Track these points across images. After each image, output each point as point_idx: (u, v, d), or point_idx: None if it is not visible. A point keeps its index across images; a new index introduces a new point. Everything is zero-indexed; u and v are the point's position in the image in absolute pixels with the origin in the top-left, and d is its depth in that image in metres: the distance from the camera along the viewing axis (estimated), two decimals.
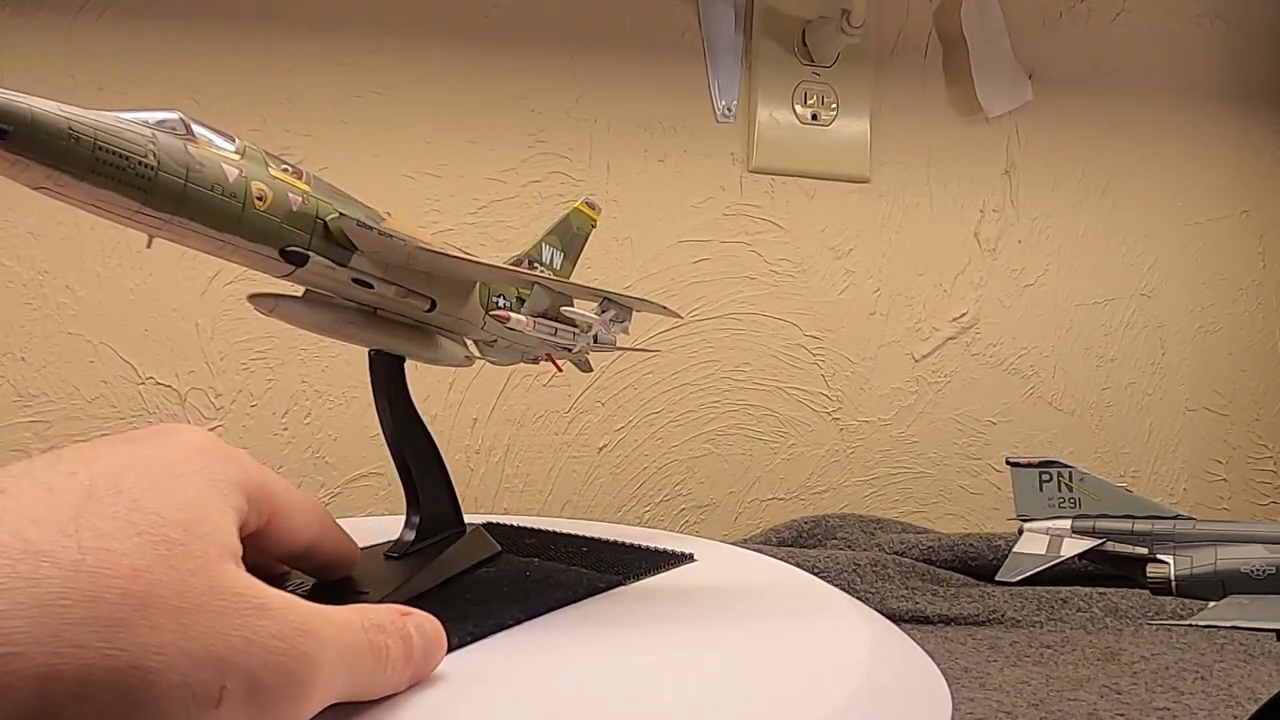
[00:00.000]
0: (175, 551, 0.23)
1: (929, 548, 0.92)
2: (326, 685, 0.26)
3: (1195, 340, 1.18)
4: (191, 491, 0.25)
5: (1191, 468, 1.19)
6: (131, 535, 0.23)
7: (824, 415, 1.08)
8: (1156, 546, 0.52)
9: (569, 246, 0.56)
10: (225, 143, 0.33)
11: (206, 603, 0.23)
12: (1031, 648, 0.75)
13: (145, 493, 0.24)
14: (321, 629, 0.25)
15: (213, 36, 0.92)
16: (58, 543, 0.21)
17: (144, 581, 0.22)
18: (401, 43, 0.96)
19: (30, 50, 0.88)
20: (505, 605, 0.37)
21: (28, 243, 0.89)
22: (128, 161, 0.29)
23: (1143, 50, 1.16)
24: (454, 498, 0.44)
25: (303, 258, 0.34)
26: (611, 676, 0.32)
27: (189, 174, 0.31)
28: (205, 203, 0.31)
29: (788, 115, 1.05)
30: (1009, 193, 1.13)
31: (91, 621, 0.21)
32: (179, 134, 0.31)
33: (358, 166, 0.95)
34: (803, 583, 0.47)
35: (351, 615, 0.27)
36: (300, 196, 0.34)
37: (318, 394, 0.94)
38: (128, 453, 0.25)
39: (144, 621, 0.21)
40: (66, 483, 0.23)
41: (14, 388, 0.89)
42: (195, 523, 0.24)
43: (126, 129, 0.29)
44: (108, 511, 0.23)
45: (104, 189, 0.29)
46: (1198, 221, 1.18)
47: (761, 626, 0.38)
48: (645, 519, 1.02)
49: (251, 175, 0.33)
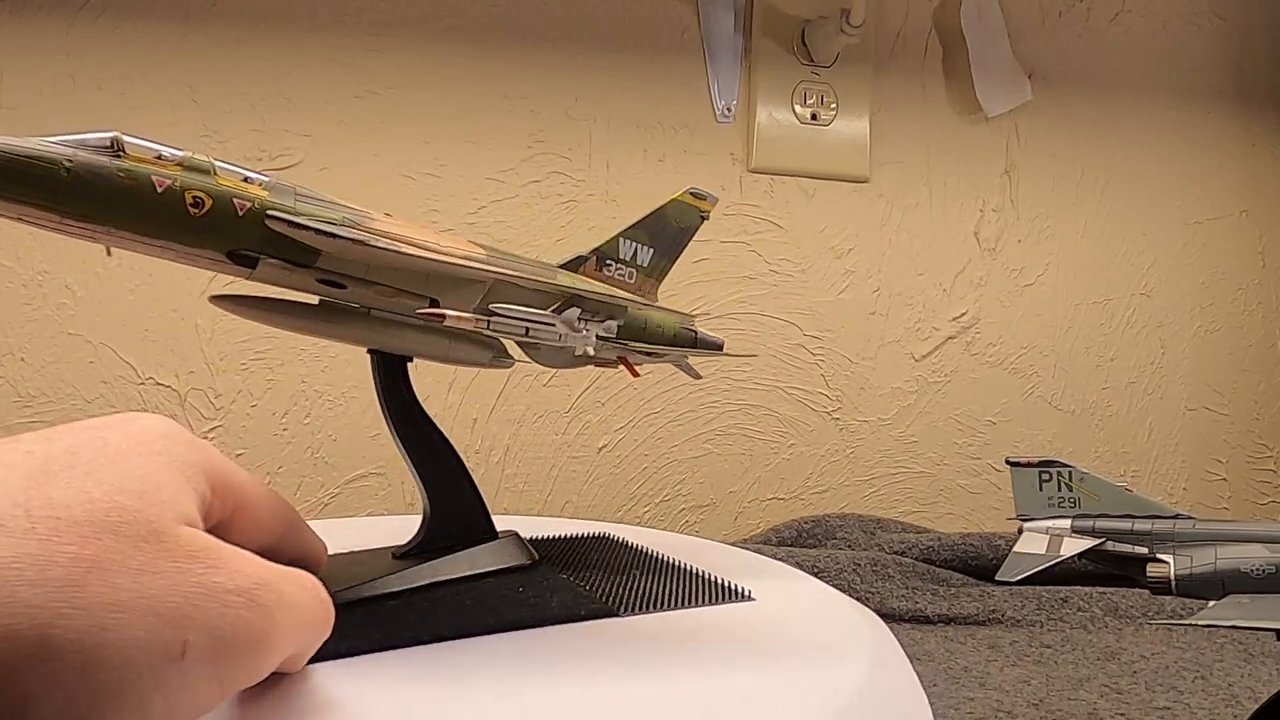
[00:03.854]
0: (128, 517, 0.23)
1: (929, 547, 0.92)
2: (285, 637, 0.26)
3: (1195, 340, 1.18)
4: (148, 468, 0.25)
5: (1191, 467, 1.19)
6: (83, 503, 0.23)
7: (824, 415, 1.08)
8: (1156, 546, 0.52)
9: (663, 241, 0.51)
10: (169, 154, 0.35)
11: (160, 563, 0.23)
12: (1032, 647, 0.75)
13: (99, 468, 0.24)
14: (277, 583, 0.26)
15: (212, 37, 0.92)
16: (8, 513, 0.22)
17: (94, 546, 0.22)
18: (400, 43, 0.96)
19: (30, 51, 0.88)
20: (436, 619, 0.36)
21: (27, 243, 0.89)
22: (38, 179, 0.33)
23: (1142, 49, 1.16)
24: (474, 500, 0.43)
25: (252, 259, 0.36)
26: (595, 687, 0.32)
27: (108, 186, 0.34)
28: (130, 211, 0.34)
29: (787, 115, 1.05)
30: (1009, 192, 1.13)
31: (45, 583, 0.21)
32: (106, 150, 0.34)
33: (357, 167, 0.95)
34: (799, 583, 0.47)
35: (299, 574, 0.28)
36: (249, 202, 0.36)
37: (317, 394, 0.94)
38: (88, 436, 0.26)
39: (99, 582, 0.22)
40: (23, 460, 0.24)
41: (13, 388, 0.89)
42: (149, 492, 0.24)
43: (43, 149, 0.33)
44: (60, 483, 0.23)
45: (17, 203, 0.33)
46: (1197, 221, 1.19)
47: (752, 634, 0.38)
48: (645, 519, 1.02)
49: (187, 185, 0.35)
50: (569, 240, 0.99)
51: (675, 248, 0.52)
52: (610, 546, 0.51)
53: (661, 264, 0.51)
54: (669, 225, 0.52)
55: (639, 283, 0.51)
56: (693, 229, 0.53)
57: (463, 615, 0.37)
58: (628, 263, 0.50)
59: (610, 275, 0.49)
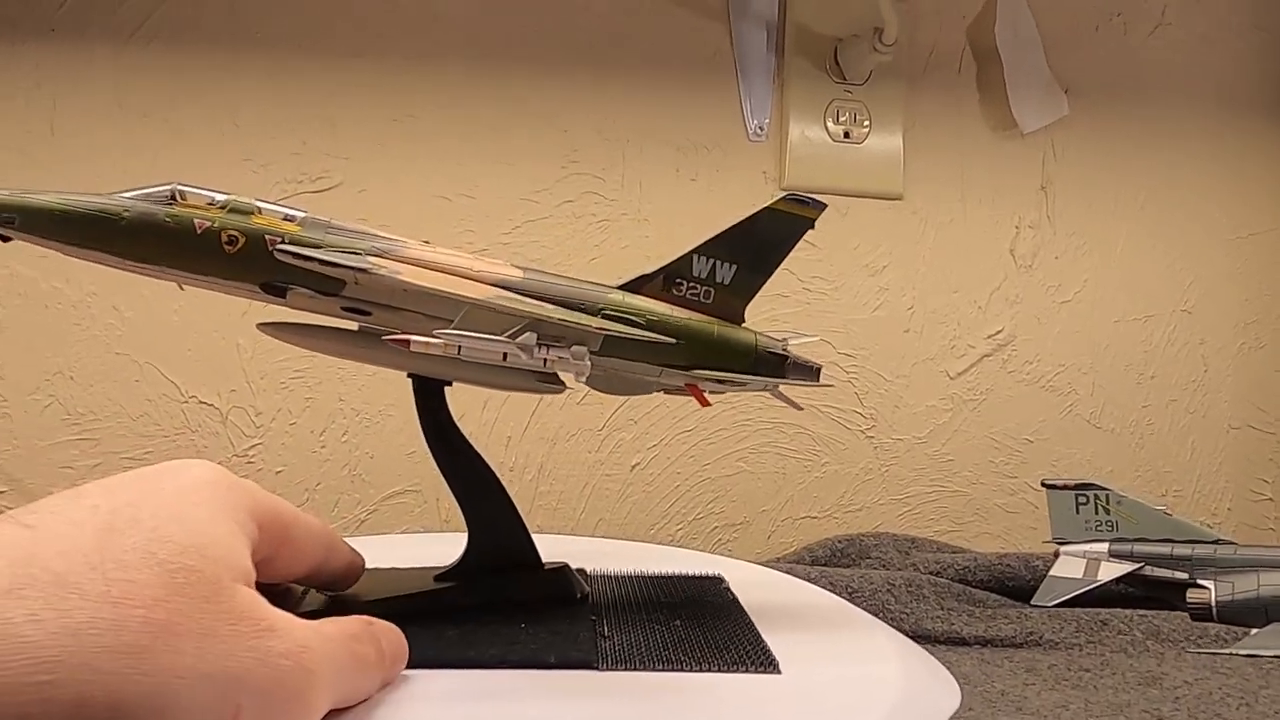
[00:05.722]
0: (192, 579, 0.24)
1: (965, 568, 0.90)
2: (324, 696, 0.27)
3: (1239, 357, 1.16)
4: (205, 519, 0.27)
5: (1236, 487, 1.16)
6: (151, 565, 0.24)
7: (858, 433, 1.07)
8: (1197, 571, 0.51)
9: (748, 256, 0.47)
10: (218, 199, 0.40)
11: (220, 627, 0.24)
12: (1070, 671, 0.73)
13: (163, 522, 0.25)
14: (318, 645, 0.27)
15: (255, 63, 0.94)
16: (84, 575, 0.23)
17: (164, 609, 0.23)
18: (436, 67, 0.98)
19: (81, 78, 0.91)
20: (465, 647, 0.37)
21: (76, 265, 0.91)
22: (100, 228, 0.39)
23: (1181, 62, 1.15)
24: (514, 525, 0.43)
25: (281, 290, 0.40)
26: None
27: (157, 231, 0.39)
28: (174, 251, 0.40)
29: (820, 133, 1.05)
30: (1045, 208, 1.12)
31: (118, 648, 0.22)
32: (161, 199, 0.40)
33: (394, 188, 0.96)
34: (834, 607, 0.47)
35: (333, 629, 0.29)
36: (279, 237, 0.40)
37: (355, 412, 0.96)
38: (144, 487, 0.27)
39: (165, 647, 0.23)
40: (90, 517, 0.25)
41: (63, 406, 0.91)
42: (209, 547, 0.26)
43: (106, 204, 0.39)
44: (128, 543, 0.24)
45: (83, 248, 0.40)
46: (1240, 236, 1.16)
47: (787, 654, 0.38)
48: (678, 538, 1.02)
49: (224, 225, 0.40)
50: (601, 260, 1.00)
51: (766, 263, 0.47)
52: (687, 589, 0.48)
53: (749, 281, 0.47)
54: (756, 238, 0.47)
55: (719, 302, 0.46)
56: (790, 240, 0.48)
57: (488, 644, 0.37)
58: (703, 280, 0.46)
59: (681, 295, 0.46)
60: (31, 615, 0.21)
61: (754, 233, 0.47)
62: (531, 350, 0.38)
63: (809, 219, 0.48)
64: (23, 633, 0.21)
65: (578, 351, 0.40)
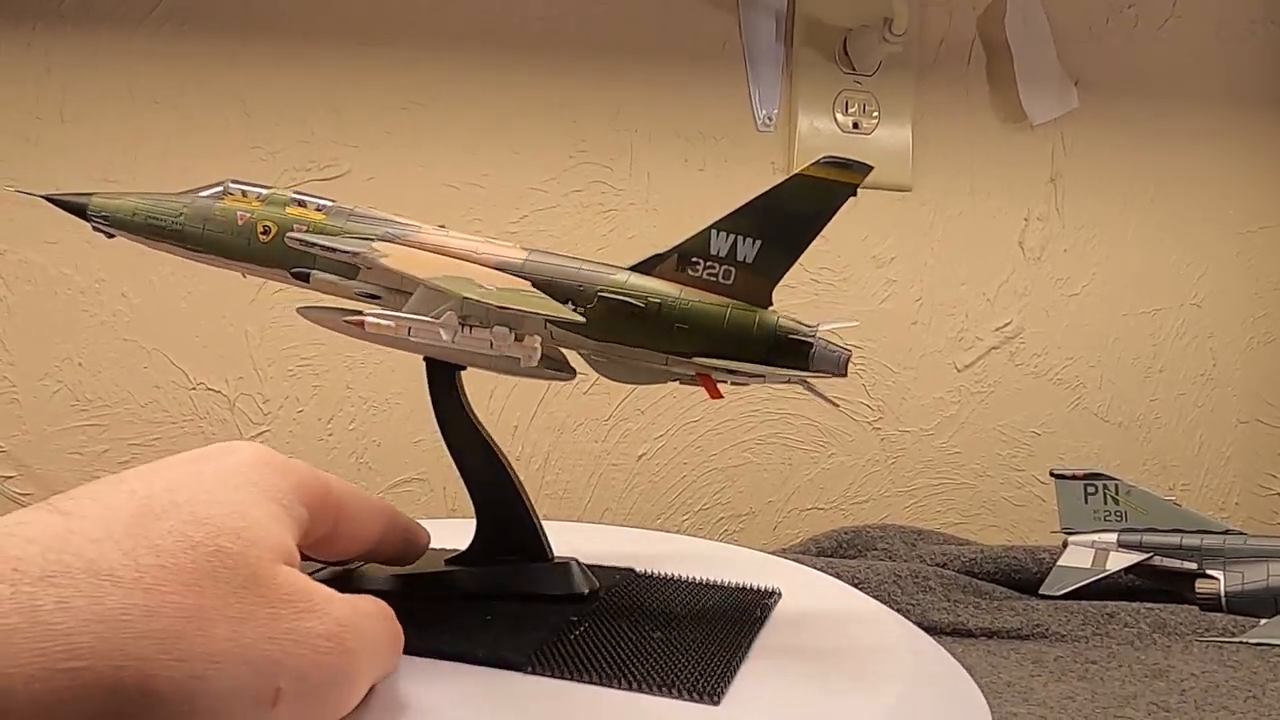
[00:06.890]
0: (228, 562, 0.24)
1: (971, 560, 0.90)
2: (365, 675, 0.27)
3: (1248, 351, 1.16)
4: (246, 501, 0.26)
5: (1244, 481, 1.16)
6: (186, 549, 0.24)
7: (865, 425, 1.07)
8: (1206, 562, 0.51)
9: (774, 230, 0.41)
10: (258, 193, 0.44)
11: (257, 610, 0.24)
12: (1077, 663, 0.73)
13: (201, 504, 0.25)
14: (358, 624, 0.27)
15: (264, 51, 0.94)
16: (117, 561, 0.23)
17: (197, 594, 0.23)
18: (444, 56, 0.98)
19: (93, 65, 0.91)
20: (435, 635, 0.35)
21: (85, 252, 0.91)
22: (166, 224, 0.44)
23: (1191, 56, 1.14)
24: (524, 516, 0.41)
25: (305, 275, 0.43)
26: None
27: (205, 224, 0.44)
28: (219, 242, 0.44)
29: (829, 124, 1.05)
30: (1054, 200, 1.12)
31: (151, 634, 0.22)
32: (214, 195, 0.44)
33: (402, 177, 0.96)
34: (842, 595, 0.46)
35: (370, 606, 0.29)
36: (306, 226, 0.43)
37: (362, 400, 0.96)
38: (185, 470, 0.27)
39: (199, 632, 0.23)
40: (127, 501, 0.25)
41: (71, 392, 0.91)
42: (247, 529, 0.25)
43: (168, 204, 0.44)
44: (164, 527, 0.24)
45: (158, 241, 0.45)
46: (1249, 230, 1.16)
47: (799, 644, 0.38)
48: (684, 528, 1.02)
49: (261, 216, 0.43)
50: (609, 250, 1.00)
51: (796, 238, 0.41)
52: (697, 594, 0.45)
53: (775, 259, 0.41)
54: (783, 210, 0.41)
55: (741, 283, 0.41)
56: (826, 212, 0.40)
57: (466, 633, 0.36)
58: (722, 259, 0.41)
59: (698, 275, 0.41)
60: (62, 602, 0.21)
61: (781, 204, 0.40)
62: (455, 331, 0.37)
63: (850, 185, 0.40)
64: (54, 620, 0.21)
65: (499, 333, 0.37)
